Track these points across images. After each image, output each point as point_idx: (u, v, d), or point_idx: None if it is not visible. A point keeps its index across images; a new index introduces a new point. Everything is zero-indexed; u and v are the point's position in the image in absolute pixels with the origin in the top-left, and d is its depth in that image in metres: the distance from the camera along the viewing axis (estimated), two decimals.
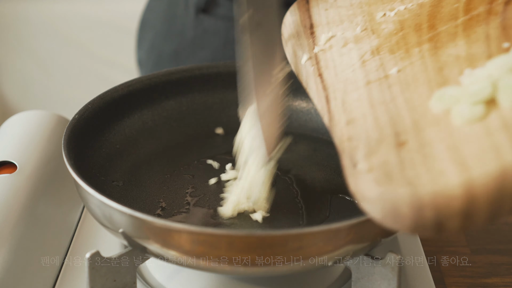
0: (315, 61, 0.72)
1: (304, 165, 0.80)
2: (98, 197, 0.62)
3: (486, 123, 0.53)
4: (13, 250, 0.69)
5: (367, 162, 0.56)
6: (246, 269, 0.60)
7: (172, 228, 0.59)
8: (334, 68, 0.69)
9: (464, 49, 0.62)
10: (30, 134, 0.85)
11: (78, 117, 0.75)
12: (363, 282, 0.65)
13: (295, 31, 0.77)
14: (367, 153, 0.57)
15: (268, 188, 0.71)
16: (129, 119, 0.82)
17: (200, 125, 0.86)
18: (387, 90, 0.63)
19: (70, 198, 0.82)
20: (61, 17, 2.18)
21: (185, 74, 0.85)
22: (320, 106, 0.67)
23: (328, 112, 0.65)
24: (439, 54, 0.63)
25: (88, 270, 0.62)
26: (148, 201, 0.73)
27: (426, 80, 0.61)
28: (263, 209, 0.71)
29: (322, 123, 0.86)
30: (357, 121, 0.61)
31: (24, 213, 0.74)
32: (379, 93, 0.63)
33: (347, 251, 0.61)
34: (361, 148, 0.58)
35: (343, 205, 0.73)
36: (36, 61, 2.21)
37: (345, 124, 0.62)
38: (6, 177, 0.77)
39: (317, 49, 0.73)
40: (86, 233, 0.77)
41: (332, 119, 0.64)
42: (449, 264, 0.81)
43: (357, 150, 0.58)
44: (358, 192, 0.56)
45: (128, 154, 0.80)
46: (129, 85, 0.82)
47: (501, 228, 0.86)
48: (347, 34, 0.73)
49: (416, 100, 0.60)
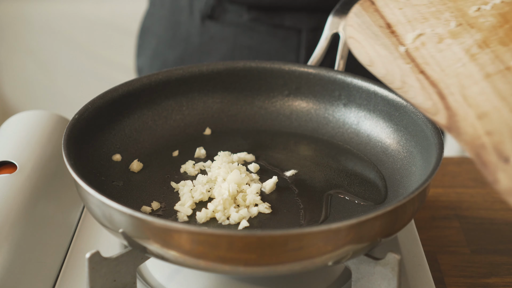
0: (410, 59, 0.71)
1: (304, 165, 0.80)
2: (98, 197, 0.62)
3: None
4: (13, 250, 0.69)
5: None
6: (246, 269, 0.60)
7: (172, 228, 0.59)
8: (438, 64, 0.68)
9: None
10: (30, 134, 0.85)
11: (78, 117, 0.75)
12: (363, 282, 0.65)
13: (370, 32, 0.77)
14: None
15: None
16: (129, 119, 0.82)
17: (200, 125, 0.86)
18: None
19: (70, 198, 0.82)
20: (61, 17, 2.18)
21: (185, 74, 0.85)
22: (431, 103, 0.65)
23: (446, 108, 0.63)
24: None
25: (88, 270, 0.62)
26: (148, 201, 0.73)
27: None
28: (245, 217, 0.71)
29: (322, 123, 0.86)
30: (491, 115, 0.59)
31: (24, 213, 0.74)
32: (506, 85, 0.61)
33: (347, 251, 0.61)
34: (509, 141, 0.56)
35: (343, 205, 0.73)
36: (36, 61, 2.21)
37: (477, 119, 0.59)
38: (6, 177, 0.77)
39: (407, 47, 0.72)
40: (86, 233, 0.77)
41: (455, 114, 0.61)
42: (449, 264, 0.81)
43: (504, 144, 0.56)
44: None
45: (128, 154, 0.80)
46: (129, 85, 0.82)
47: (501, 228, 0.86)
48: (438, 30, 0.72)
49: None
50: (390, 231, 0.64)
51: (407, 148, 0.77)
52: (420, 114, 0.75)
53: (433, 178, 0.66)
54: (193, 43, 1.11)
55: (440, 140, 0.70)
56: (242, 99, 0.87)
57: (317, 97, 0.86)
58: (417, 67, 0.69)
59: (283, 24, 1.06)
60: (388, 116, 0.80)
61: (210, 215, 0.70)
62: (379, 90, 0.81)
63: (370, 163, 0.80)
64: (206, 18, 1.09)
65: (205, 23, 1.09)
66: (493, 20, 0.70)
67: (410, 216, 0.66)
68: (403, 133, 0.79)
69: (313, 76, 0.85)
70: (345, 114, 0.84)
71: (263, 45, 1.08)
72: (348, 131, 0.84)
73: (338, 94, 0.84)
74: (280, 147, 0.83)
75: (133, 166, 0.78)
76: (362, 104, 0.83)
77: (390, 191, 0.75)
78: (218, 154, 0.79)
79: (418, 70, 0.68)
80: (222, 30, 1.08)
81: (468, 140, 0.59)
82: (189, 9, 1.11)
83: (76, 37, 2.18)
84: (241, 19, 1.07)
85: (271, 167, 0.79)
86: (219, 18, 1.07)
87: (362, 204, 0.73)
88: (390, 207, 0.61)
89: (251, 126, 0.87)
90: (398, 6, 0.78)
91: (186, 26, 1.12)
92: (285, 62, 0.86)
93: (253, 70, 0.86)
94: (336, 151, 0.82)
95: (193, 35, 1.11)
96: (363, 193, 0.75)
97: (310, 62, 0.86)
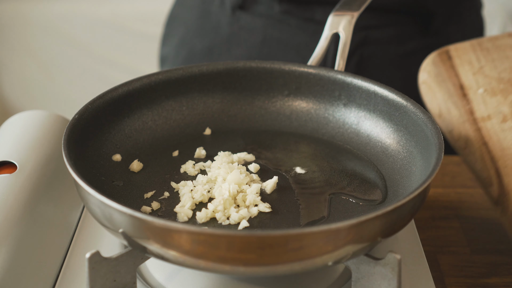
0: (476, 126, 0.76)
1: (304, 165, 0.80)
2: (98, 197, 0.62)
3: None
4: (13, 250, 0.69)
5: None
6: (246, 269, 0.60)
7: (172, 228, 0.59)
8: (499, 142, 0.73)
9: None
10: (30, 134, 0.85)
11: (78, 117, 0.75)
12: (363, 282, 0.65)
13: (445, 86, 0.82)
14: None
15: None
16: (129, 119, 0.82)
17: (199, 125, 0.86)
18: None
19: (70, 198, 0.82)
20: (61, 17, 2.18)
21: (185, 74, 0.85)
22: (487, 175, 0.70)
23: (500, 185, 0.68)
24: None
25: (88, 270, 0.62)
26: (148, 201, 0.73)
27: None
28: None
29: (322, 123, 0.86)
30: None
31: (24, 213, 0.74)
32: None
33: (347, 251, 0.61)
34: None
35: (343, 205, 0.73)
36: (36, 61, 2.21)
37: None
38: (6, 177, 0.77)
39: (475, 116, 0.77)
40: (86, 233, 0.77)
41: (506, 193, 0.66)
42: (449, 264, 0.81)
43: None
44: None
45: (128, 154, 0.80)
46: (129, 85, 0.82)
47: (501, 228, 0.86)
48: (503, 108, 0.77)
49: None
50: (390, 231, 0.64)
51: (407, 148, 0.77)
52: (420, 114, 0.75)
53: (433, 178, 0.66)
54: (222, 33, 1.11)
55: (440, 140, 0.70)
56: (242, 99, 0.87)
57: (317, 97, 0.86)
58: (482, 138, 0.74)
59: (313, 18, 1.05)
60: (388, 116, 0.80)
61: (210, 215, 0.70)
62: (379, 90, 0.81)
63: (370, 163, 0.80)
64: (237, 9, 1.09)
65: (235, 13, 1.09)
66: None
67: (410, 216, 0.66)
68: (403, 133, 0.79)
69: (313, 76, 0.85)
70: (345, 114, 0.84)
71: (293, 38, 1.08)
72: (348, 131, 0.84)
73: (338, 94, 0.84)
74: (280, 147, 0.83)
75: (133, 166, 0.78)
76: (362, 104, 0.83)
77: (390, 191, 0.75)
78: (218, 154, 0.79)
79: (482, 141, 0.74)
80: (253, 21, 1.08)
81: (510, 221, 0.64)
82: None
83: (76, 37, 2.18)
84: (272, 11, 1.07)
85: (271, 167, 0.79)
86: (250, 9, 1.07)
87: (362, 204, 0.73)
88: (390, 207, 0.61)
89: (251, 126, 0.87)
90: (472, 71, 0.83)
91: (217, 16, 1.11)
92: (285, 62, 0.86)
93: (253, 70, 0.86)
94: (336, 151, 0.82)
95: (223, 25, 1.10)
96: (363, 193, 0.75)
97: (310, 62, 0.86)
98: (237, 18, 1.09)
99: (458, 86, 0.83)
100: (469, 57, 0.86)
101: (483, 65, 0.84)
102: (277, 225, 0.70)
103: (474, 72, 0.84)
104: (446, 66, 0.86)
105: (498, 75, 0.83)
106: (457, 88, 0.82)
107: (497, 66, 0.84)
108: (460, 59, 0.86)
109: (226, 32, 1.10)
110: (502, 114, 0.77)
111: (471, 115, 0.78)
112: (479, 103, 0.79)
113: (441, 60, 0.87)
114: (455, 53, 0.87)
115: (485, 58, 0.85)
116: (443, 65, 0.86)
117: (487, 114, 0.77)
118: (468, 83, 0.82)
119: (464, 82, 0.83)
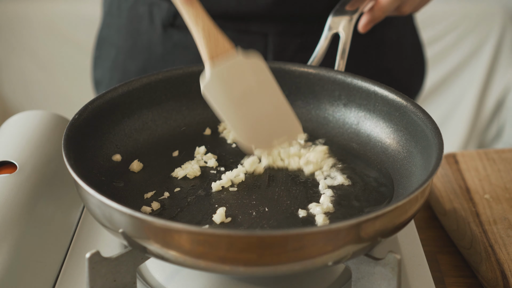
0: (481, 228, 0.80)
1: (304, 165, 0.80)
2: (98, 197, 0.62)
3: None
4: (13, 250, 0.69)
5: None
6: (246, 269, 0.60)
7: (172, 228, 0.59)
8: (505, 247, 0.77)
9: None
10: (30, 134, 0.85)
11: (78, 117, 0.75)
12: (363, 282, 0.65)
13: (451, 187, 0.87)
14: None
15: None
16: (129, 119, 0.82)
17: (199, 125, 0.86)
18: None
19: (70, 198, 0.82)
20: (61, 17, 2.18)
21: (186, 74, 0.85)
22: (493, 276, 0.74)
23: (505, 287, 0.72)
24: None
25: (88, 270, 0.62)
26: (148, 202, 0.73)
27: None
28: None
29: (322, 123, 0.86)
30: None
31: (24, 213, 0.74)
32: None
33: (347, 251, 0.61)
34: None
35: (343, 205, 0.73)
36: (36, 61, 2.21)
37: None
38: (6, 177, 0.77)
39: (481, 219, 0.81)
40: (86, 233, 0.77)
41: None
42: (449, 264, 0.81)
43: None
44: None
45: (128, 154, 0.80)
46: (129, 85, 0.82)
47: None
48: (508, 216, 0.81)
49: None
50: (390, 231, 0.64)
51: (407, 148, 0.77)
52: (420, 114, 0.75)
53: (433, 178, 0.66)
54: (156, 52, 1.08)
55: (440, 140, 0.70)
56: None
57: (317, 97, 0.86)
58: (488, 240, 0.78)
59: (249, 30, 1.04)
60: (388, 116, 0.80)
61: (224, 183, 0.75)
62: (379, 90, 0.81)
63: (370, 163, 0.80)
64: (168, 26, 1.06)
65: (167, 31, 1.05)
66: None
67: (410, 216, 0.66)
68: (403, 133, 0.79)
69: (313, 76, 0.85)
70: (345, 114, 0.84)
71: None
72: (348, 131, 0.84)
73: (338, 94, 0.84)
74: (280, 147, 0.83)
75: (133, 166, 0.78)
76: (362, 104, 0.83)
77: (390, 191, 0.75)
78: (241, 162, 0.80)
79: (488, 243, 0.77)
80: (186, 38, 1.04)
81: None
82: (149, 17, 1.07)
83: (76, 37, 2.18)
84: None
85: (274, 165, 0.79)
86: (181, 25, 1.04)
87: (362, 204, 0.73)
88: (390, 207, 0.61)
89: None
90: (478, 177, 0.89)
91: (147, 35, 1.08)
92: (285, 62, 0.86)
93: None
94: (336, 151, 0.82)
95: (155, 43, 1.07)
96: (363, 193, 0.75)
97: (310, 62, 0.86)
98: (169, 35, 1.06)
99: (465, 189, 0.87)
100: (476, 164, 0.92)
101: (489, 173, 0.90)
102: (277, 225, 0.70)
103: (480, 179, 0.88)
104: (452, 169, 0.91)
105: (504, 185, 0.87)
106: (463, 190, 0.87)
107: (503, 176, 0.89)
108: (467, 165, 0.91)
109: (159, 51, 1.07)
110: (508, 221, 0.81)
111: (477, 217, 0.82)
112: (485, 207, 0.84)
113: (447, 163, 0.92)
114: (461, 158, 0.93)
115: (491, 168, 0.91)
116: (450, 167, 0.91)
117: (492, 219, 0.81)
118: (474, 187, 0.87)
119: (470, 186, 0.87)
